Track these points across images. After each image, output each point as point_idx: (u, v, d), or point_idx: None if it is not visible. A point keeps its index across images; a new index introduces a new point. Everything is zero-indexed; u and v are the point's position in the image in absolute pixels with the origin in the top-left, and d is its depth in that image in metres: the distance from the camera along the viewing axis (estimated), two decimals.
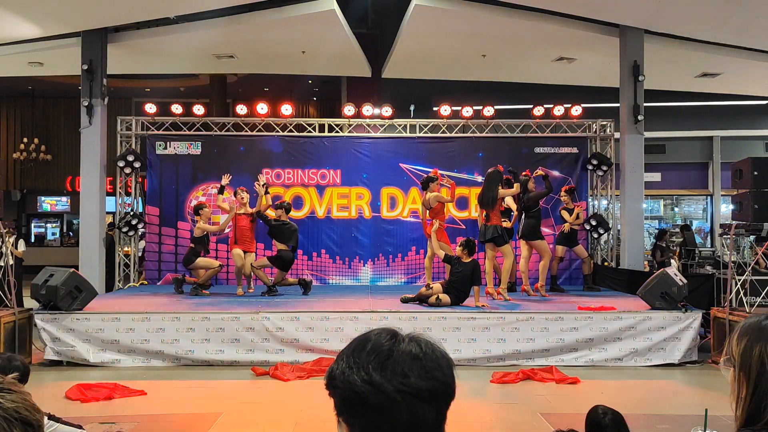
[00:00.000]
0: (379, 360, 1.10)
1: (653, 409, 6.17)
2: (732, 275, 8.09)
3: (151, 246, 11.88)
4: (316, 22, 10.98)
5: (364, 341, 1.15)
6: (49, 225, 21.78)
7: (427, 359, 1.12)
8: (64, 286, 7.76)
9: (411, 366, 1.10)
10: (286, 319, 7.89)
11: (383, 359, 1.10)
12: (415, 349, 1.13)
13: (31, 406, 1.18)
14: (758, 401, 1.32)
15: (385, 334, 1.16)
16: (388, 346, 1.12)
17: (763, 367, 1.32)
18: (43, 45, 11.73)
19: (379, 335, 1.15)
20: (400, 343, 1.13)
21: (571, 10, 10.76)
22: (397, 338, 1.15)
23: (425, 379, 1.10)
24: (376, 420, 1.09)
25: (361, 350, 1.13)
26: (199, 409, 6.22)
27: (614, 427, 2.94)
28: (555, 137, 12.14)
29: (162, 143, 11.95)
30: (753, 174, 8.24)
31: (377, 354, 1.11)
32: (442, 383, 1.13)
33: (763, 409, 1.31)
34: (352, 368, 1.10)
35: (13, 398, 1.16)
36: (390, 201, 12.04)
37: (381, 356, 1.10)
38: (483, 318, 7.92)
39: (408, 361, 1.10)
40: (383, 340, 1.14)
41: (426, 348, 1.14)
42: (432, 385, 1.11)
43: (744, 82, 14.15)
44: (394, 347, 1.12)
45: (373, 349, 1.12)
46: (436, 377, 1.12)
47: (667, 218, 17.88)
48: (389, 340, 1.14)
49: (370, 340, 1.15)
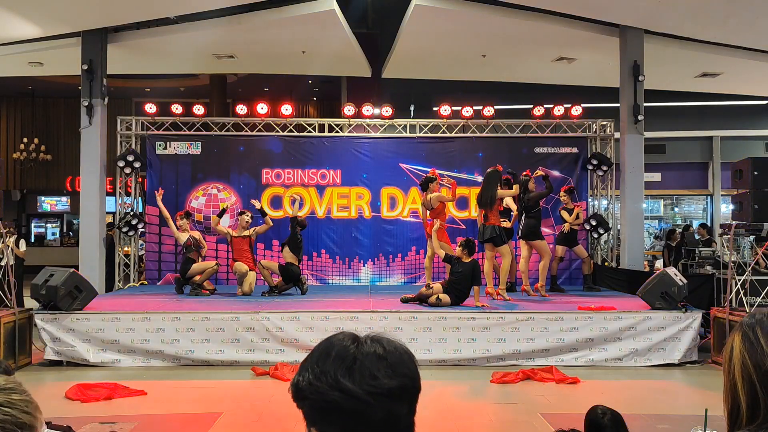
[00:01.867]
0: (346, 366, 1.11)
1: (653, 409, 6.17)
2: (732, 275, 8.09)
3: (151, 246, 11.88)
4: (316, 22, 10.98)
5: (328, 348, 1.15)
6: (49, 225, 21.78)
7: (391, 357, 1.14)
8: (64, 286, 7.76)
9: (377, 367, 1.11)
10: (286, 319, 7.90)
11: (349, 364, 1.11)
12: (378, 350, 1.14)
13: (12, 422, 1.12)
14: (733, 395, 1.29)
15: (346, 338, 1.16)
16: (352, 350, 1.13)
17: (731, 356, 1.29)
18: (43, 45, 11.73)
19: (342, 340, 1.16)
20: (362, 345, 1.15)
21: (571, 10, 10.76)
22: (359, 341, 1.16)
23: (393, 378, 1.11)
24: (351, 425, 1.10)
25: (325, 358, 1.13)
26: (199, 409, 6.21)
27: (614, 427, 2.94)
28: (555, 137, 12.14)
29: (162, 143, 11.95)
30: (753, 174, 8.24)
31: (343, 360, 1.12)
32: (410, 378, 1.15)
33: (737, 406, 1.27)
34: (320, 378, 1.10)
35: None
36: (390, 201, 12.04)
37: (347, 362, 1.11)
38: (483, 318, 7.92)
39: (374, 363, 1.12)
40: (346, 344, 1.15)
41: (388, 346, 1.16)
42: (401, 382, 1.13)
43: (744, 82, 14.15)
44: (358, 351, 1.13)
45: (338, 355, 1.13)
46: (403, 373, 1.13)
47: (667, 218, 17.88)
48: (352, 344, 1.15)
49: (333, 346, 1.15)
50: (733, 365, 1.28)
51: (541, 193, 9.77)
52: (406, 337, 7.82)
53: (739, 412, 1.27)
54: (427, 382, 6.58)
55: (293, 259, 9.68)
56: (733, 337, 1.31)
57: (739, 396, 1.26)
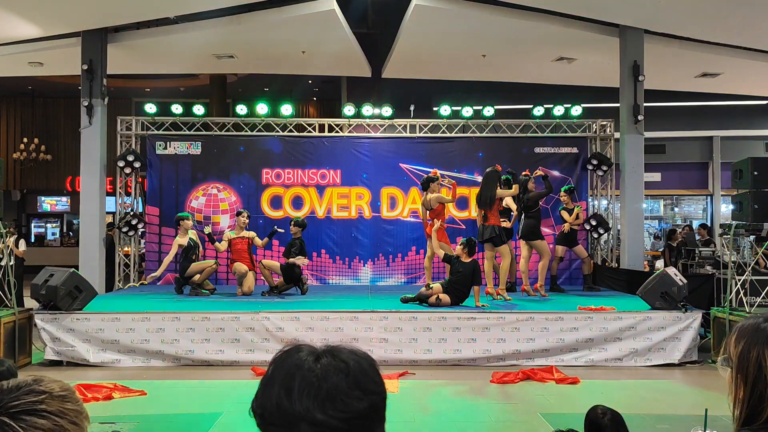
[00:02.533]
0: (313, 394, 1.06)
1: (653, 409, 6.17)
2: (732, 275, 8.09)
3: (151, 246, 11.88)
4: (316, 22, 10.98)
5: (290, 371, 1.10)
6: (49, 225, 21.78)
7: (355, 373, 1.09)
8: (64, 286, 7.76)
9: (345, 389, 1.07)
10: (286, 319, 7.90)
11: (316, 392, 1.06)
12: (341, 366, 1.10)
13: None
14: (755, 403, 1.34)
15: (308, 357, 1.12)
16: (316, 371, 1.09)
17: (760, 369, 1.33)
18: (43, 45, 11.73)
19: (303, 361, 1.11)
20: (323, 364, 1.10)
21: (571, 10, 10.76)
22: (320, 358, 1.11)
23: (363, 398, 1.08)
24: None
25: (290, 384, 1.08)
26: (199, 409, 6.22)
27: (613, 427, 2.94)
28: (555, 137, 12.14)
29: (162, 143, 11.95)
30: (753, 174, 8.23)
31: (309, 387, 1.07)
32: (377, 394, 1.11)
33: (760, 411, 1.33)
34: (287, 408, 1.06)
35: (41, 424, 1.05)
36: (390, 201, 12.04)
37: (313, 389, 1.06)
38: (483, 318, 7.92)
39: (341, 385, 1.07)
40: (310, 366, 1.10)
41: (350, 360, 1.12)
42: (371, 401, 1.09)
43: (744, 82, 14.15)
44: (321, 371, 1.09)
45: (304, 381, 1.08)
46: (372, 390, 1.10)
47: (667, 218, 17.88)
48: (314, 363, 1.10)
49: (296, 369, 1.10)
50: (765, 375, 1.34)
51: (540, 193, 9.76)
52: (406, 337, 7.83)
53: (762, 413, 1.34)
54: (428, 382, 6.55)
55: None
56: (760, 351, 1.36)
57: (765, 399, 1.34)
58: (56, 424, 1.06)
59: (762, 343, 1.35)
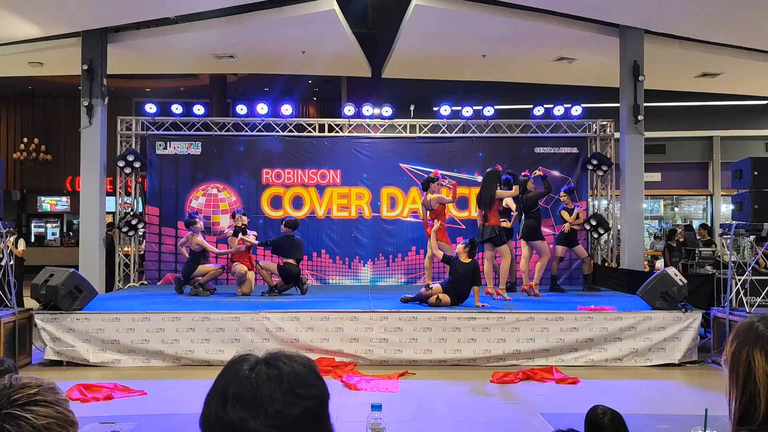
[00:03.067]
0: (247, 404, 1.09)
1: (653, 409, 6.17)
2: (732, 275, 8.09)
3: (151, 246, 11.88)
4: (316, 22, 10.98)
5: (227, 382, 1.13)
6: (49, 225, 21.78)
7: (290, 380, 1.11)
8: (64, 286, 7.76)
9: (279, 397, 1.09)
10: (286, 319, 7.90)
11: (250, 402, 1.09)
12: (274, 374, 1.12)
13: (64, 420, 1.13)
14: (747, 402, 1.35)
15: (246, 366, 1.14)
16: (252, 381, 1.11)
17: (750, 369, 1.34)
18: (43, 45, 11.73)
19: (240, 370, 1.13)
20: (259, 373, 1.12)
21: (571, 10, 10.76)
22: (255, 368, 1.13)
23: (297, 404, 1.09)
24: None
25: (226, 395, 1.11)
26: (199, 409, 6.19)
27: (614, 427, 2.94)
28: (555, 137, 12.14)
29: (162, 143, 11.95)
30: (753, 174, 8.23)
31: (243, 399, 1.09)
32: (314, 397, 1.13)
33: (753, 410, 1.33)
34: (224, 419, 1.09)
35: (46, 412, 1.11)
36: (390, 201, 12.04)
37: (248, 399, 1.09)
38: (483, 318, 7.92)
39: (275, 393, 1.09)
40: (246, 374, 1.12)
41: (286, 367, 1.13)
42: (306, 406, 1.11)
43: (744, 82, 14.15)
44: (256, 380, 1.11)
45: (238, 392, 1.10)
46: (306, 395, 1.11)
47: (667, 218, 17.88)
48: (250, 372, 1.12)
49: (233, 379, 1.12)
50: (757, 378, 1.34)
51: (539, 193, 9.77)
52: (406, 338, 7.83)
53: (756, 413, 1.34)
54: (428, 382, 6.55)
55: (290, 262, 9.75)
56: (749, 351, 1.36)
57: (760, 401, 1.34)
58: (59, 412, 1.13)
59: (752, 343, 1.35)
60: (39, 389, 1.14)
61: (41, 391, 1.14)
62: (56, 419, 1.12)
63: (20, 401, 1.10)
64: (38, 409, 1.11)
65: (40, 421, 1.09)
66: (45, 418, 1.10)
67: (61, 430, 1.12)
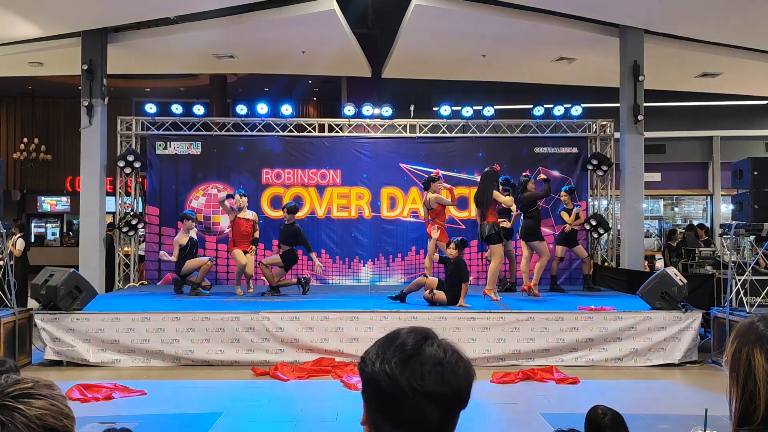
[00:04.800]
0: (402, 358, 1.20)
1: (653, 409, 6.17)
2: (732, 275, 8.09)
3: (151, 246, 11.88)
4: (316, 22, 10.98)
5: (394, 337, 1.25)
6: (49, 225, 21.76)
7: (447, 366, 1.22)
8: (64, 286, 7.76)
9: (431, 370, 1.20)
10: (286, 319, 7.90)
11: (405, 358, 1.20)
12: (439, 354, 1.22)
13: (58, 413, 1.16)
14: (747, 402, 1.35)
15: (415, 334, 1.25)
16: (414, 346, 1.22)
17: (750, 368, 1.34)
18: (43, 45, 11.73)
19: (409, 335, 1.25)
20: (428, 346, 1.23)
21: (571, 10, 10.76)
22: (426, 341, 1.24)
23: (439, 384, 1.19)
24: (386, 406, 1.20)
25: (390, 344, 1.23)
26: (199, 409, 6.22)
27: (614, 427, 2.94)
28: (555, 137, 12.14)
29: (162, 143, 11.95)
30: (753, 174, 8.23)
31: (401, 352, 1.21)
32: (455, 392, 1.22)
33: (753, 410, 1.33)
34: (379, 356, 1.22)
35: (40, 404, 1.14)
36: (390, 201, 12.04)
37: (404, 355, 1.21)
38: (483, 318, 7.92)
39: (429, 365, 1.20)
40: (411, 340, 1.24)
41: (450, 356, 1.24)
42: (444, 391, 1.20)
43: (744, 82, 14.15)
44: (421, 349, 1.22)
45: (400, 346, 1.22)
46: (451, 384, 1.21)
47: (667, 218, 17.88)
48: (417, 341, 1.23)
49: (399, 336, 1.25)
50: (757, 377, 1.35)
51: (536, 194, 9.77)
52: None
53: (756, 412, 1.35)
54: None
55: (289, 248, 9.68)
56: (749, 350, 1.36)
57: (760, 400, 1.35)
58: (53, 404, 1.16)
59: (752, 342, 1.36)
60: (34, 384, 1.18)
61: (36, 386, 1.17)
62: (50, 411, 1.15)
63: (14, 393, 1.14)
64: (32, 401, 1.14)
65: (33, 412, 1.12)
66: (38, 409, 1.14)
67: (55, 422, 1.14)
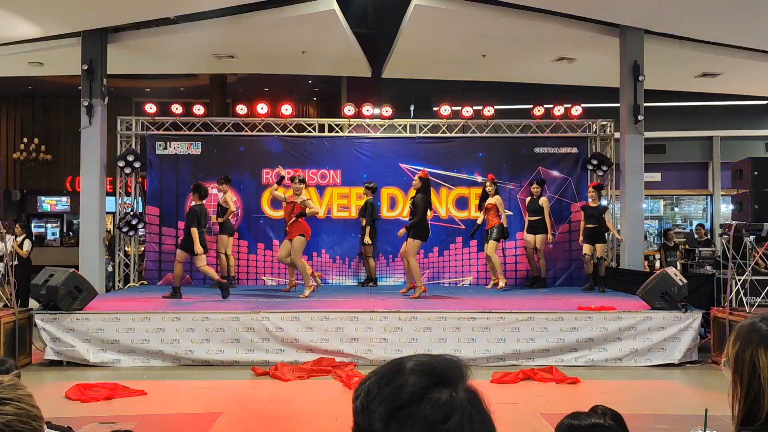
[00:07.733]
0: (392, 407, 0.92)
1: (653, 409, 6.17)
2: (732, 275, 8.09)
3: (151, 246, 11.87)
4: (316, 22, 10.98)
5: (397, 371, 0.96)
6: (49, 225, 21.75)
7: (452, 429, 0.90)
8: (64, 286, 7.76)
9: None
10: (286, 319, 7.89)
11: (396, 408, 0.92)
12: (445, 411, 0.91)
13: (26, 416, 1.13)
14: (751, 403, 1.35)
15: (423, 375, 0.94)
16: (414, 393, 0.92)
17: (754, 369, 1.34)
18: (43, 45, 11.73)
19: (413, 373, 0.95)
20: (436, 393, 0.92)
21: (571, 10, 10.76)
22: (437, 388, 0.93)
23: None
24: None
25: (388, 382, 0.95)
26: (199, 409, 6.22)
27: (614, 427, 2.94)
28: (555, 137, 12.13)
29: (162, 143, 11.95)
30: (753, 174, 8.23)
31: (394, 399, 0.92)
32: None
33: (757, 410, 1.33)
34: (370, 394, 0.96)
35: (7, 410, 1.12)
36: (390, 201, 12.04)
37: (396, 403, 0.92)
38: (483, 318, 7.92)
39: (419, 425, 0.91)
40: (413, 379, 0.94)
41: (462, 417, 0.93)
42: None
43: (744, 82, 14.15)
44: (424, 398, 0.91)
45: (397, 388, 0.93)
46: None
47: (667, 218, 17.88)
48: (422, 386, 0.93)
49: (401, 372, 0.95)
50: (762, 378, 1.35)
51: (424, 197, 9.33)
52: (406, 337, 7.83)
53: (759, 412, 1.35)
54: None
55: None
56: (753, 351, 1.36)
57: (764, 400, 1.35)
58: (20, 408, 1.14)
59: (756, 343, 1.36)
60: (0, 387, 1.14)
61: (2, 390, 1.14)
62: (17, 416, 1.12)
63: None
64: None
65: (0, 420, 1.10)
66: (5, 416, 1.11)
67: (23, 426, 1.12)
